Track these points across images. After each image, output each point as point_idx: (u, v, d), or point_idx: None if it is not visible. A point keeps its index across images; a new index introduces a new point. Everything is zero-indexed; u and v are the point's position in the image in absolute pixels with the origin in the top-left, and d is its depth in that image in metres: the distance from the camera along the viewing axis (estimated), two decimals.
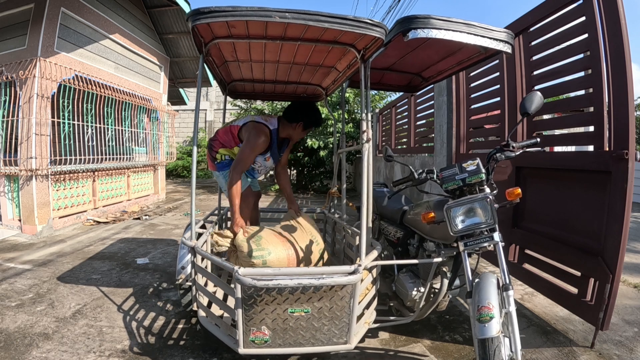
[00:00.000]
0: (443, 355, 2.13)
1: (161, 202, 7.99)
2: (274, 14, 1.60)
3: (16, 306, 2.64)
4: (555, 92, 2.68)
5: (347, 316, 1.78)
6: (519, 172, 2.90)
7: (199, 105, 2.06)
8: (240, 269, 1.65)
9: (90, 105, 5.59)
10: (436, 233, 2.07)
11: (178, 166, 14.70)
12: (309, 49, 2.21)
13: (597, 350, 2.16)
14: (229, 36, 1.94)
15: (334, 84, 2.92)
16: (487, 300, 1.55)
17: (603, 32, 2.15)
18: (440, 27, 1.70)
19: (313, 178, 10.26)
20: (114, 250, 4.19)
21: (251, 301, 1.68)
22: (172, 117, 8.75)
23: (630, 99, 2.01)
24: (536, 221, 2.73)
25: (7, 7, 4.91)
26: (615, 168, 2.04)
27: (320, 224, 3.62)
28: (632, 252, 4.17)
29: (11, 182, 4.92)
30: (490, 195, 1.74)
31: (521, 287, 3.01)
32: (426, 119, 5.56)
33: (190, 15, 1.67)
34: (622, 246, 2.00)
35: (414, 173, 2.06)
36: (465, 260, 1.79)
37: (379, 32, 1.70)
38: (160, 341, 2.23)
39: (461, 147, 4.03)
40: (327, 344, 1.80)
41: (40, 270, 3.43)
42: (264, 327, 1.73)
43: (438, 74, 2.68)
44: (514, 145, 1.87)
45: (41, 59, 4.62)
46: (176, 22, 7.52)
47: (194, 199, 2.11)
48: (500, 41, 1.83)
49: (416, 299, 2.15)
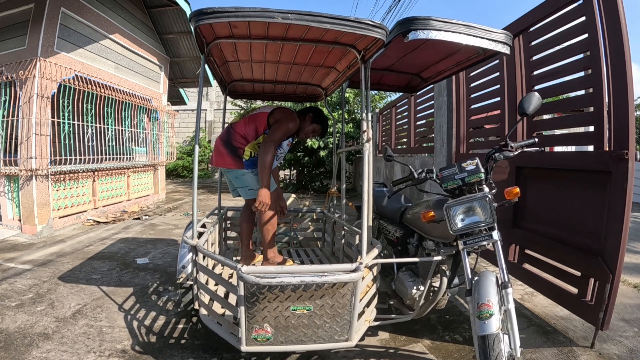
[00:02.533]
0: (443, 354, 2.13)
1: (161, 202, 7.99)
2: (277, 14, 1.61)
3: (16, 306, 2.64)
4: (555, 92, 2.68)
5: (348, 314, 1.79)
6: (519, 172, 2.90)
7: (200, 105, 2.07)
8: (243, 267, 1.66)
9: (90, 105, 5.59)
10: (436, 232, 2.08)
11: (178, 166, 14.70)
12: (310, 49, 2.21)
13: (597, 350, 2.16)
14: (230, 36, 1.96)
15: (334, 84, 2.93)
16: (487, 297, 1.56)
17: (603, 32, 2.16)
18: (440, 28, 1.72)
19: (313, 178, 10.27)
20: (114, 250, 4.19)
21: (254, 299, 1.69)
22: (172, 117, 8.75)
23: (630, 99, 2.01)
24: (536, 221, 2.74)
25: (7, 7, 4.91)
26: (615, 168, 2.05)
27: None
28: (632, 252, 4.17)
29: (11, 182, 4.92)
30: (489, 195, 1.75)
31: (521, 287, 3.02)
32: (426, 119, 5.56)
33: (193, 15, 1.68)
34: (622, 246, 2.00)
35: (414, 173, 2.07)
36: (465, 258, 1.80)
37: (379, 33, 1.71)
38: (160, 341, 2.23)
39: (461, 147, 4.03)
40: (328, 342, 1.81)
41: (40, 270, 3.43)
42: (267, 324, 1.74)
43: (437, 74, 2.69)
44: (512, 145, 1.88)
45: (41, 59, 4.62)
46: (176, 22, 7.53)
47: (195, 198, 2.12)
48: (498, 42, 1.85)
49: (416, 297, 2.15)
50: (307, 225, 3.67)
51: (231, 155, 2.56)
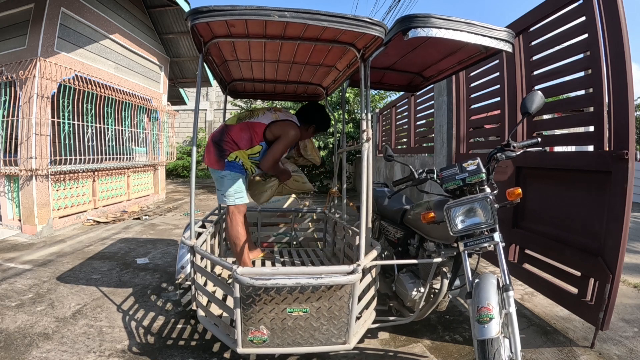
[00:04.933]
0: (443, 355, 2.13)
1: (161, 202, 7.99)
2: (273, 12, 1.59)
3: (16, 306, 2.64)
4: (555, 92, 2.67)
5: (345, 316, 1.77)
6: (519, 172, 2.90)
7: (198, 105, 2.06)
8: (238, 269, 1.64)
9: (90, 105, 5.59)
10: (436, 233, 2.07)
11: (178, 166, 14.69)
12: (309, 48, 2.20)
13: (597, 350, 2.16)
14: (228, 35, 1.94)
15: (334, 84, 2.92)
16: (487, 300, 1.54)
17: (603, 32, 2.15)
18: (441, 26, 1.69)
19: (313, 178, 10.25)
20: (114, 250, 4.18)
21: (249, 300, 1.68)
22: (172, 117, 8.75)
23: (630, 99, 2.00)
24: (536, 221, 2.73)
25: (7, 7, 4.91)
26: (615, 168, 2.04)
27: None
28: (632, 252, 4.17)
29: (11, 182, 4.92)
30: (490, 195, 1.73)
31: (521, 287, 3.01)
32: (426, 119, 5.55)
33: (189, 14, 1.67)
34: (622, 246, 2.00)
35: (414, 173, 2.05)
36: (466, 260, 1.79)
37: (378, 31, 1.70)
38: (160, 341, 2.23)
39: (461, 147, 4.03)
40: (325, 344, 1.80)
41: (40, 270, 3.43)
42: (263, 326, 1.72)
43: (439, 73, 2.68)
44: (514, 145, 1.86)
45: (41, 59, 4.62)
46: (176, 22, 7.52)
47: (193, 199, 2.11)
48: (500, 40, 1.83)
49: (416, 299, 2.14)
50: (307, 226, 3.66)
51: (217, 155, 2.59)
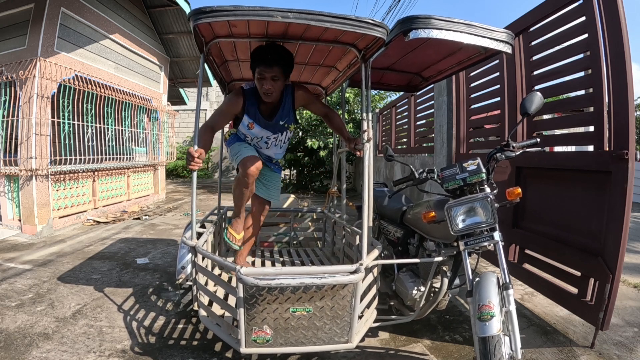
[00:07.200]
0: (443, 355, 2.13)
1: (161, 202, 7.99)
2: (276, 13, 1.59)
3: (16, 306, 2.64)
4: (555, 92, 2.68)
5: (348, 315, 1.78)
6: (519, 172, 2.90)
7: (199, 105, 2.06)
8: (242, 269, 1.65)
9: (90, 105, 5.59)
10: (436, 232, 2.07)
11: (178, 166, 14.68)
12: (310, 48, 2.21)
13: (597, 350, 2.16)
14: (229, 35, 1.95)
15: (334, 84, 2.92)
16: (488, 298, 1.56)
17: (603, 32, 2.15)
18: (441, 27, 1.71)
19: (313, 178, 10.26)
20: (114, 250, 4.18)
21: (253, 300, 1.68)
22: (172, 117, 8.75)
23: (630, 99, 2.01)
24: (536, 221, 2.73)
25: (7, 7, 4.90)
26: (615, 168, 2.04)
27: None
28: (632, 252, 4.17)
29: (11, 182, 4.92)
30: (490, 195, 1.74)
31: (521, 287, 3.02)
32: (426, 119, 5.56)
33: (191, 14, 1.67)
34: (622, 246, 2.00)
35: (415, 173, 2.06)
36: (466, 259, 1.80)
37: (380, 32, 1.70)
38: (160, 341, 2.23)
39: (461, 147, 4.03)
40: (328, 343, 1.80)
41: (40, 270, 3.43)
42: (266, 326, 1.73)
43: (438, 73, 2.68)
44: (514, 145, 1.87)
45: (41, 59, 4.62)
46: (176, 22, 7.52)
47: (194, 198, 2.11)
48: (500, 41, 1.84)
49: (416, 298, 2.15)
50: (307, 225, 3.66)
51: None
